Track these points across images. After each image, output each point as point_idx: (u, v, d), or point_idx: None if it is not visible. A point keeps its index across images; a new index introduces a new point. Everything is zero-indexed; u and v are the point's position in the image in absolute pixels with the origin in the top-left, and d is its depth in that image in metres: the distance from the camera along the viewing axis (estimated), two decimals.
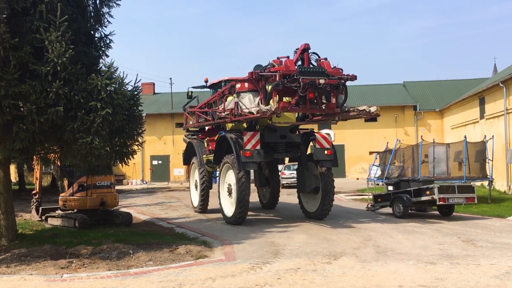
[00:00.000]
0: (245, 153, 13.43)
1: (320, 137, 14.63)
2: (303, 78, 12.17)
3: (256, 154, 13.51)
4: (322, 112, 13.18)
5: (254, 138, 13.64)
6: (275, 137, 14.42)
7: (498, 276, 7.76)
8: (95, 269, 8.79)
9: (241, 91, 13.87)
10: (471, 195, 15.13)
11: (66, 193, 14.86)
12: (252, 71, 12.81)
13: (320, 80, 12.28)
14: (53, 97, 9.28)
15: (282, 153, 15.02)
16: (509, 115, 24.30)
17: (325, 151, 14.38)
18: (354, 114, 13.37)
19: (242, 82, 13.77)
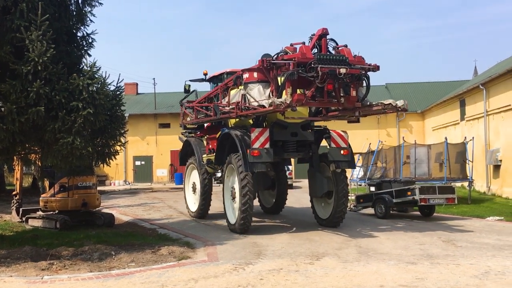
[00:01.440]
0: (252, 152, 11.91)
1: (335, 135, 13.12)
2: (321, 67, 10.48)
3: (265, 153, 12.05)
4: (341, 106, 11.56)
5: (263, 135, 12.18)
6: (286, 134, 12.89)
7: (477, 275, 7.88)
8: (76, 270, 8.71)
9: (249, 82, 11.89)
10: (452, 195, 15.35)
11: (47, 194, 14.70)
12: (263, 59, 11.09)
13: (341, 69, 10.55)
14: (34, 97, 9.17)
15: (293, 152, 13.30)
16: (489, 117, 24.69)
17: (341, 150, 12.85)
18: (378, 108, 11.79)
19: (251, 71, 11.90)
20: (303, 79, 10.77)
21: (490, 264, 8.70)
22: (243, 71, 12.12)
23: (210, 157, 15.16)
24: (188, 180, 17.21)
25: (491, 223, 14.39)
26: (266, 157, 12.12)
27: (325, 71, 10.52)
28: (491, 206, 19.02)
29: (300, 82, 10.90)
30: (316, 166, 13.36)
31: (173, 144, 41.38)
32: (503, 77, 22.56)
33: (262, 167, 12.24)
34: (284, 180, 17.01)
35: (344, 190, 12.96)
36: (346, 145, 13.03)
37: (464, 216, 15.88)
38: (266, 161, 12.28)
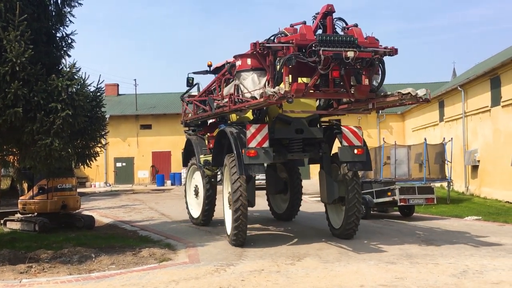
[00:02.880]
0: (248, 152, 10.30)
1: (347, 131, 11.20)
2: (324, 50, 8.90)
3: (263, 154, 10.39)
4: (351, 97, 9.95)
5: (261, 132, 10.50)
6: (289, 131, 11.20)
7: (455, 274, 8.00)
8: (55, 273, 8.61)
9: (242, 70, 10.16)
10: (431, 196, 15.56)
11: (26, 196, 14.50)
12: (256, 42, 9.40)
13: (348, 52, 8.94)
14: (12, 98, 9.04)
15: (298, 152, 11.55)
16: (467, 118, 25.08)
17: (355, 149, 10.98)
18: (395, 99, 9.86)
19: (244, 58, 10.15)
20: (306, 66, 9.21)
21: (468, 263, 8.84)
22: (236, 58, 10.44)
23: (208, 158, 13.44)
24: (190, 182, 15.45)
25: (469, 223, 14.62)
26: (264, 158, 10.47)
27: (329, 55, 8.92)
28: (470, 206, 19.33)
29: (302, 69, 9.38)
30: (327, 168, 11.59)
31: (154, 145, 41.27)
32: (481, 79, 22.95)
33: (260, 170, 10.65)
34: (298, 183, 15.05)
35: (356, 198, 11.09)
36: (361, 142, 11.14)
37: (443, 216, 16.10)
38: (265, 162, 10.78)
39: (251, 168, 10.39)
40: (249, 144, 10.44)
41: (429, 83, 43.57)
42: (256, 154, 10.38)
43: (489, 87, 22.25)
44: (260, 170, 10.70)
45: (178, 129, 41.05)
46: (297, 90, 9.06)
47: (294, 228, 13.60)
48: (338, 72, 9.28)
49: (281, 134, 11.20)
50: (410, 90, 9.53)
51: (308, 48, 9.10)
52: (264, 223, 14.93)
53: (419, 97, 9.60)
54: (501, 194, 20.77)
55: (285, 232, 12.95)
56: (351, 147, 11.05)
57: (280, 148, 11.45)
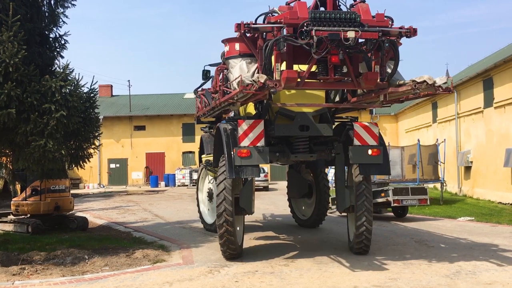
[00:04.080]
0: (239, 152, 9.06)
1: (360, 128, 9.62)
2: (317, 30, 7.44)
3: (257, 154, 9.11)
4: (358, 87, 8.59)
5: (255, 129, 9.22)
6: (292, 128, 9.69)
7: (448, 275, 8.04)
8: (48, 275, 8.58)
9: (230, 57, 8.95)
10: (424, 196, 15.65)
11: (19, 198, 14.43)
12: (241, 22, 8.00)
13: (348, 33, 7.47)
14: (5, 99, 9.00)
15: (304, 153, 10.03)
16: (460, 119, 25.22)
17: (369, 150, 9.44)
18: (408, 89, 8.15)
19: (232, 42, 8.85)
20: (303, 51, 7.90)
21: (461, 263, 8.88)
22: (224, 43, 9.13)
23: (209, 158, 12.19)
24: (202, 185, 14.10)
25: (462, 224, 14.70)
26: (258, 158, 9.15)
27: (323, 36, 7.48)
28: (462, 206, 19.43)
29: (299, 54, 8.18)
30: (339, 172, 10.43)
31: (148, 146, 41.20)
32: (474, 80, 23.09)
33: (254, 172, 9.18)
34: (324, 185, 13.43)
35: (365, 206, 9.52)
36: (376, 142, 9.58)
37: (436, 217, 16.17)
38: (260, 163, 9.32)
39: (243, 170, 9.07)
40: (241, 143, 9.18)
41: None
42: (248, 154, 9.11)
43: (481, 88, 22.39)
44: (254, 173, 9.20)
45: (172, 130, 41.27)
46: (287, 79, 7.75)
47: (287, 230, 13.61)
48: (337, 57, 7.82)
49: (282, 131, 9.75)
50: (426, 78, 7.91)
51: (299, 28, 7.65)
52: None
53: (437, 86, 7.99)
54: (494, 195, 20.90)
55: (279, 234, 12.96)
56: (364, 147, 9.48)
57: (284, 147, 10.12)
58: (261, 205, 19.64)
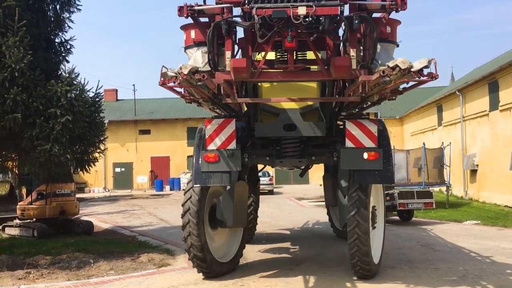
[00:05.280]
0: (206, 156, 7.90)
1: (354, 126, 7.80)
2: (259, 8, 6.22)
3: (226, 158, 7.88)
4: (327, 76, 7.05)
5: (225, 130, 7.98)
6: (276, 127, 8.24)
7: (455, 279, 8.01)
8: (54, 279, 8.60)
9: (187, 46, 7.51)
10: (430, 200, 15.59)
11: (25, 202, 14.47)
12: (184, 5, 6.92)
13: (299, 9, 6.11)
14: (11, 104, 9.06)
15: (292, 157, 8.58)
16: (465, 122, 25.13)
17: (364, 153, 7.67)
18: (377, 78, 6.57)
19: (187, 29, 7.44)
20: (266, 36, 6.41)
21: (468, 267, 8.84)
22: (182, 29, 7.60)
23: None
24: None
25: (468, 227, 14.62)
26: (228, 163, 7.88)
27: (267, 15, 6.17)
28: (468, 210, 19.33)
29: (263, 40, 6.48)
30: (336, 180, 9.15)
31: (153, 150, 41.29)
32: (479, 83, 23.01)
33: (223, 180, 7.91)
34: None
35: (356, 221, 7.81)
36: (375, 143, 7.73)
37: (442, 220, 16.09)
38: (230, 169, 7.92)
39: (210, 177, 7.91)
40: (208, 146, 7.97)
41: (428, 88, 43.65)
42: (216, 159, 7.90)
43: (487, 92, 22.30)
44: (224, 180, 7.91)
45: (177, 134, 41.35)
46: (235, 70, 6.51)
47: (294, 233, 13.59)
48: (292, 41, 6.41)
49: (264, 131, 8.35)
50: (399, 61, 6.16)
51: (241, 6, 6.55)
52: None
53: (415, 71, 6.22)
54: (500, 198, 20.78)
55: (284, 237, 12.93)
56: (358, 150, 7.72)
57: (268, 150, 8.70)
58: (266, 209, 19.63)
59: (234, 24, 6.74)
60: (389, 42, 7.12)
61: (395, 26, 7.24)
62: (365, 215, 7.81)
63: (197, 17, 7.08)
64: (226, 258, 8.74)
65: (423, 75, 6.32)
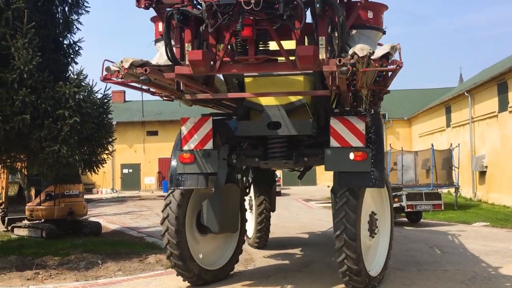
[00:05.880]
0: (181, 157, 7.52)
1: (338, 123, 7.11)
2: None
3: (202, 159, 7.42)
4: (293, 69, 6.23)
5: (201, 129, 7.53)
6: (259, 126, 7.56)
7: (463, 281, 7.94)
8: (62, 280, 8.64)
9: (157, 40, 7.15)
10: (438, 202, 15.52)
11: (33, 203, 14.55)
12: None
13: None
14: (19, 105, 9.11)
15: (278, 158, 7.74)
16: (474, 124, 24.98)
17: (350, 153, 6.93)
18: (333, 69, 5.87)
19: (156, 21, 7.08)
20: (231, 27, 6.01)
21: (477, 269, 8.78)
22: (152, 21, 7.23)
23: None
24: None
25: (477, 229, 14.53)
26: (204, 165, 7.42)
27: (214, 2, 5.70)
28: (477, 212, 19.22)
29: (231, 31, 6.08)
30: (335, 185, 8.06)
31: (161, 151, 41.36)
32: (488, 84, 22.87)
33: (198, 182, 7.44)
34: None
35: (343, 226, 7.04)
36: (362, 142, 6.99)
37: (450, 222, 16.00)
38: (207, 171, 7.43)
39: (186, 179, 7.47)
40: (184, 146, 7.59)
41: (436, 89, 43.50)
42: (192, 160, 7.46)
43: (496, 93, 22.17)
44: (200, 183, 7.43)
45: None
46: (191, 63, 5.98)
47: (302, 235, 13.56)
48: (249, 30, 5.87)
49: (246, 130, 7.68)
50: (358, 48, 5.46)
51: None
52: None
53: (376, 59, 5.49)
54: (509, 200, 20.63)
55: (292, 238, 12.90)
56: (343, 150, 7.00)
57: (258, 151, 7.98)
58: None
59: (187, 13, 6.11)
60: (370, 29, 6.51)
61: (380, 11, 6.71)
62: (353, 219, 7.00)
63: (158, 8, 6.42)
64: (216, 265, 8.25)
65: (387, 63, 5.60)
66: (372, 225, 7.71)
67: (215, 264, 8.25)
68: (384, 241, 8.11)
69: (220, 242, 8.56)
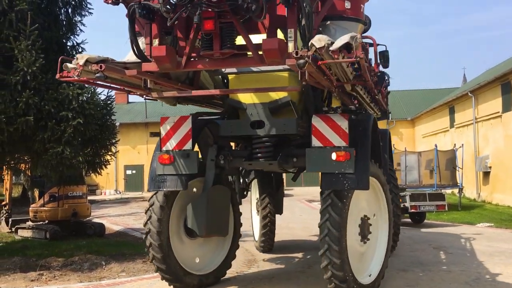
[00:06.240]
0: (160, 157, 7.23)
1: (320, 121, 6.57)
2: None
3: (182, 159, 7.10)
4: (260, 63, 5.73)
5: (180, 128, 7.26)
6: (242, 125, 7.27)
7: (468, 282, 7.92)
8: (66, 281, 8.65)
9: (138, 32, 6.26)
10: (442, 202, 15.49)
11: (37, 204, 14.59)
12: None
13: None
14: (23, 107, 9.14)
15: (262, 158, 7.33)
16: (478, 124, 24.91)
17: (332, 153, 6.40)
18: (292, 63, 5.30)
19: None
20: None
21: (481, 270, 8.75)
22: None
23: None
24: (254, 195, 11.76)
25: (482, 230, 14.49)
26: (184, 166, 7.10)
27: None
28: (481, 212, 19.16)
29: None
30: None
31: None
32: (491, 85, 22.82)
33: (177, 184, 7.12)
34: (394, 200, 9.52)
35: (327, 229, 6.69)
36: (345, 141, 6.45)
37: (454, 223, 15.96)
38: (186, 173, 7.10)
39: (165, 181, 7.18)
40: (163, 146, 7.30)
41: (440, 89, 43.43)
42: (170, 161, 7.15)
43: (500, 93, 22.11)
44: (179, 184, 7.10)
45: None
46: (156, 59, 5.75)
47: (305, 236, 13.55)
48: (211, 23, 5.42)
49: (229, 129, 7.38)
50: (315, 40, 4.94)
51: None
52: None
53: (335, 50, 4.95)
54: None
55: (296, 240, 12.90)
56: (325, 150, 6.48)
57: (246, 151, 7.70)
58: None
59: (148, 7, 5.70)
60: (347, 20, 6.05)
61: (360, 1, 6.34)
62: (338, 222, 6.51)
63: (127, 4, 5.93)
64: (205, 270, 7.91)
65: (348, 55, 5.01)
66: (364, 230, 7.14)
67: (204, 269, 7.93)
68: (380, 248, 7.51)
69: (212, 246, 8.20)
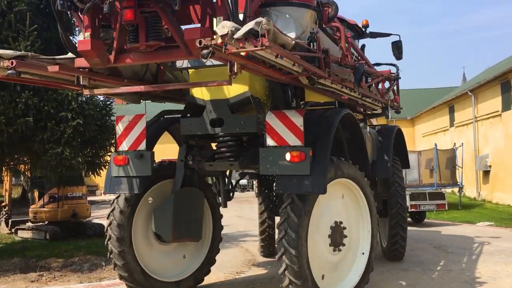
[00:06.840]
0: (115, 159, 6.77)
1: (275, 118, 5.94)
2: None
3: (136, 161, 6.66)
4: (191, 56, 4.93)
5: (135, 128, 6.91)
6: (202, 123, 6.69)
7: (468, 281, 7.92)
8: (66, 282, 8.64)
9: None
10: (442, 201, 15.48)
11: (37, 205, 14.58)
12: None
13: None
14: (22, 108, 9.13)
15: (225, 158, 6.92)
16: (478, 123, 24.92)
17: (287, 154, 5.75)
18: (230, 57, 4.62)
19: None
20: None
21: (481, 269, 8.75)
22: None
23: None
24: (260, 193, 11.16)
25: (482, 229, 14.49)
26: (138, 167, 6.64)
27: None
28: (482, 211, 19.15)
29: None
30: None
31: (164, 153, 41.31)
32: (491, 84, 22.81)
33: (132, 187, 6.66)
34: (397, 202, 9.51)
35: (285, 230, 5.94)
36: (301, 140, 5.81)
37: (454, 222, 15.96)
38: (140, 175, 6.64)
39: (121, 183, 6.70)
40: (119, 147, 6.86)
41: (439, 88, 43.43)
42: (125, 162, 6.69)
43: (499, 92, 22.11)
44: (134, 187, 6.64)
45: None
46: (83, 54, 5.31)
47: None
48: (130, 12, 4.76)
49: (189, 128, 6.87)
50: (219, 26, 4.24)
51: None
52: None
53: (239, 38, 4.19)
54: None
55: None
56: (279, 149, 5.86)
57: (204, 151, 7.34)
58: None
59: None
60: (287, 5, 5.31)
61: None
62: (296, 225, 5.83)
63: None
64: (179, 276, 7.50)
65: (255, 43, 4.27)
66: (336, 237, 6.38)
67: (177, 275, 7.49)
68: (360, 259, 6.84)
69: (187, 251, 7.73)
